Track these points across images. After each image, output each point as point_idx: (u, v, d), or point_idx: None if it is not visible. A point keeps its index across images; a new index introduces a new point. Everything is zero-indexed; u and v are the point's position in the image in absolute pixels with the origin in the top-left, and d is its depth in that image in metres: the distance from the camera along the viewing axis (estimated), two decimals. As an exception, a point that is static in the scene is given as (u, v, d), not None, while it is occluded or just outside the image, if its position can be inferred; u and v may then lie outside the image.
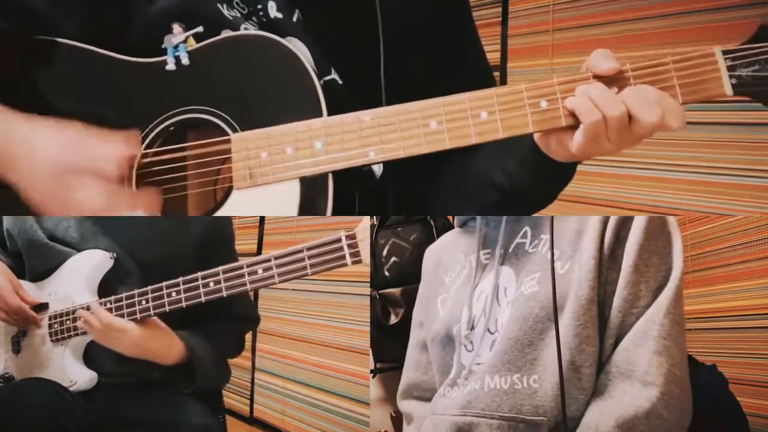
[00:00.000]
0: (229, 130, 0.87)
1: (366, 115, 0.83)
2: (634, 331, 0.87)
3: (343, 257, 0.96)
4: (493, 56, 2.21)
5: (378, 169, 0.94)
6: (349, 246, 0.96)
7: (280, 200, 0.85)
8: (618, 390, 0.85)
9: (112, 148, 0.85)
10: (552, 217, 0.94)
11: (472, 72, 1.03)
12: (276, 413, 2.78)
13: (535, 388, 0.87)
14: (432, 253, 1.15)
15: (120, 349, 1.10)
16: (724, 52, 0.80)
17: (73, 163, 0.84)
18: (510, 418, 0.87)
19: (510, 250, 0.98)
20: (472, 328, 0.96)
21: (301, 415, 2.64)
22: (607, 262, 0.90)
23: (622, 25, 1.86)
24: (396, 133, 0.82)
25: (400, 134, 0.82)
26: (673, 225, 0.93)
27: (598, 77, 0.80)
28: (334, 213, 0.84)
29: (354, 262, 0.96)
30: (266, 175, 0.85)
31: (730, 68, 0.80)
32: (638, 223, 0.90)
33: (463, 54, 0.85)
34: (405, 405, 1.10)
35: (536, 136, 0.85)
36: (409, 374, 1.10)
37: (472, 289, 0.99)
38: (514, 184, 0.92)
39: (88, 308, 1.11)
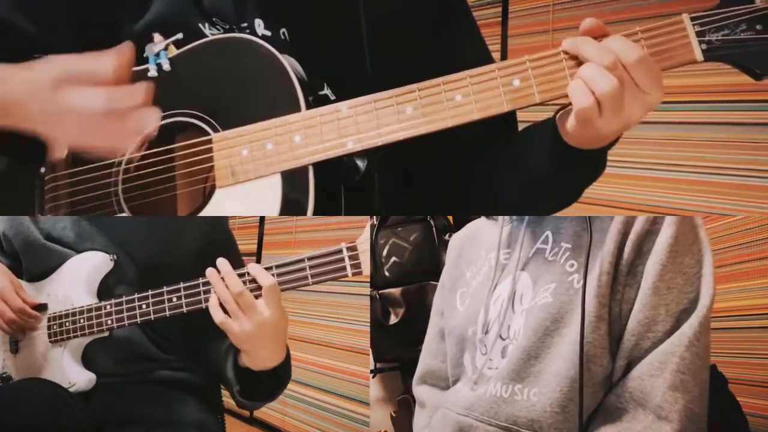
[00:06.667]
0: (211, 132, 0.88)
1: (343, 105, 0.84)
2: (651, 360, 0.81)
3: (343, 268, 0.98)
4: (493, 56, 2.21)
5: (362, 164, 0.93)
6: (350, 257, 0.97)
7: (261, 197, 0.85)
8: (630, 416, 0.81)
9: (107, 57, 0.82)
10: (589, 218, 0.88)
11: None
12: (276, 413, 2.78)
13: (534, 402, 0.85)
14: (456, 244, 1.13)
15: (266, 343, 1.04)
16: (693, 18, 0.79)
17: (67, 72, 0.81)
18: (505, 428, 0.86)
19: (530, 255, 0.94)
20: (486, 332, 0.95)
21: (301, 415, 2.64)
22: (625, 278, 0.84)
23: (622, 25, 1.85)
24: (373, 121, 0.83)
25: (377, 122, 0.83)
26: (705, 243, 0.85)
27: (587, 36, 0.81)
28: (319, 209, 0.84)
29: (354, 273, 0.98)
30: (248, 171, 0.86)
31: (699, 34, 0.79)
32: (664, 238, 0.83)
33: (454, 61, 0.85)
34: (419, 390, 1.10)
35: (558, 123, 0.84)
36: (426, 361, 1.11)
37: (490, 290, 0.97)
38: (539, 181, 0.89)
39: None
